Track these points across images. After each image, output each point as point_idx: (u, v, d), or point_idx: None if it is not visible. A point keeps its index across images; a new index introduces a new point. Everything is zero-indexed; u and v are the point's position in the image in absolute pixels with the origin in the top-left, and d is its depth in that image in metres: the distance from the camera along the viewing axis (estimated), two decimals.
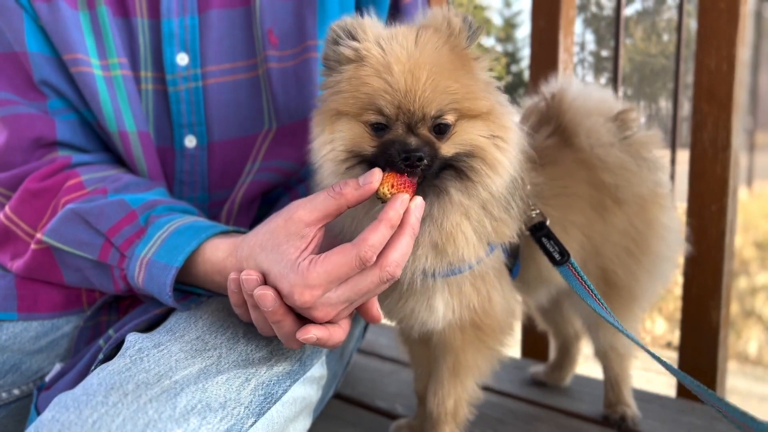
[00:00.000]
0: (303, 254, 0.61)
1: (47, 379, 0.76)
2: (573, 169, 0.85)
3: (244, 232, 0.74)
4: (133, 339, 0.68)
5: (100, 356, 0.72)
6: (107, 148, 0.84)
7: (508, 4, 16.17)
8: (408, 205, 0.61)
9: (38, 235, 0.77)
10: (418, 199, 0.62)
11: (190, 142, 0.84)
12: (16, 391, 0.82)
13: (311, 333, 0.63)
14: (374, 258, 0.60)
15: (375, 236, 0.59)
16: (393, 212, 0.60)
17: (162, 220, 0.72)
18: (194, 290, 0.74)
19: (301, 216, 0.61)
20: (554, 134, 0.86)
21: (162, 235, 0.71)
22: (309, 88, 0.85)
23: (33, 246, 0.78)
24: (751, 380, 2.66)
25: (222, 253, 0.69)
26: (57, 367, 0.79)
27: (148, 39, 0.82)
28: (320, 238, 0.64)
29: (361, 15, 0.88)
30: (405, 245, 0.62)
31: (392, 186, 0.62)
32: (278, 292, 0.62)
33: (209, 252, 0.70)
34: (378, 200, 0.63)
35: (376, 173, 0.61)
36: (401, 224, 0.62)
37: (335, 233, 0.70)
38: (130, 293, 0.77)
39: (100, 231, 0.73)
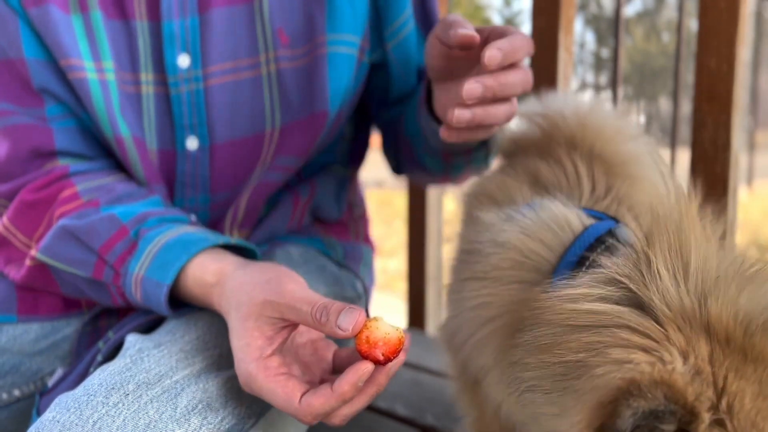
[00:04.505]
0: (264, 348, 0.60)
1: (50, 384, 0.76)
2: None
3: (236, 246, 0.74)
4: (133, 339, 0.68)
5: (99, 358, 0.72)
6: (108, 153, 0.84)
7: (508, 4, 16.19)
8: (379, 370, 0.57)
9: (32, 252, 0.76)
10: (392, 367, 0.58)
11: (192, 143, 0.84)
12: (16, 392, 0.82)
13: None
14: (312, 422, 0.58)
15: (322, 407, 0.56)
16: (348, 387, 0.56)
17: (152, 233, 0.72)
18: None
19: (280, 309, 0.59)
20: (592, 165, 0.74)
21: (153, 249, 0.70)
22: (318, 84, 0.84)
23: (28, 263, 0.78)
24: None
25: (210, 276, 0.68)
26: (59, 372, 0.79)
27: (148, 41, 0.81)
28: (290, 332, 0.62)
29: (379, 8, 0.88)
30: (362, 403, 0.59)
31: (367, 341, 0.56)
32: None
33: (198, 272, 0.68)
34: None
35: (358, 320, 0.56)
36: (367, 383, 0.58)
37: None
38: (129, 307, 0.77)
39: (93, 249, 0.72)
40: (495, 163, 0.90)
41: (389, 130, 0.99)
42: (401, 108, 0.95)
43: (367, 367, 0.56)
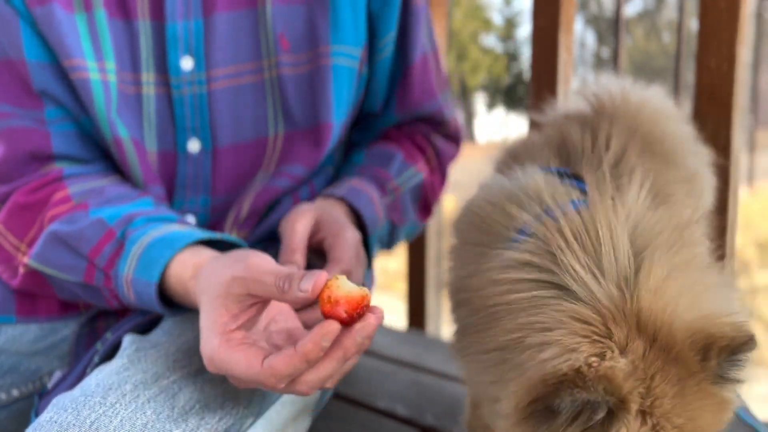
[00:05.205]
0: (228, 324, 0.58)
1: (48, 386, 0.76)
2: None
3: (219, 241, 0.73)
4: (130, 339, 0.68)
5: (96, 359, 0.72)
6: (106, 156, 0.84)
7: (508, 4, 16.19)
8: (344, 333, 0.54)
9: (25, 259, 0.76)
10: (362, 328, 0.54)
11: (194, 146, 0.83)
12: (15, 392, 0.82)
13: None
14: (277, 387, 0.56)
15: (286, 368, 0.54)
16: (312, 345, 0.53)
17: (137, 233, 0.71)
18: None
19: (246, 283, 0.58)
20: (636, 145, 0.74)
21: (137, 250, 0.70)
22: (322, 94, 0.84)
23: (22, 270, 0.77)
24: (751, 380, 2.65)
25: (189, 271, 0.67)
26: (58, 374, 0.79)
27: (151, 41, 0.80)
28: (258, 311, 0.60)
29: (373, 22, 0.88)
30: (328, 370, 0.56)
31: (329, 300, 0.54)
32: None
33: (180, 269, 0.68)
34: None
35: (318, 280, 0.54)
36: (333, 347, 0.55)
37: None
38: (124, 308, 0.77)
39: (82, 254, 0.72)
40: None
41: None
42: (355, 138, 0.98)
43: (331, 325, 0.53)
